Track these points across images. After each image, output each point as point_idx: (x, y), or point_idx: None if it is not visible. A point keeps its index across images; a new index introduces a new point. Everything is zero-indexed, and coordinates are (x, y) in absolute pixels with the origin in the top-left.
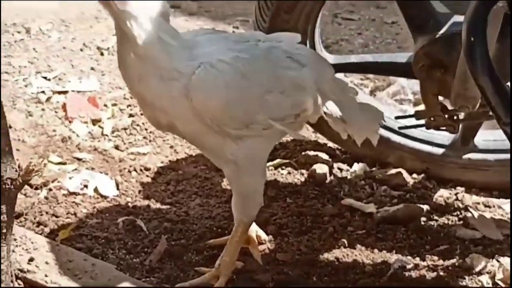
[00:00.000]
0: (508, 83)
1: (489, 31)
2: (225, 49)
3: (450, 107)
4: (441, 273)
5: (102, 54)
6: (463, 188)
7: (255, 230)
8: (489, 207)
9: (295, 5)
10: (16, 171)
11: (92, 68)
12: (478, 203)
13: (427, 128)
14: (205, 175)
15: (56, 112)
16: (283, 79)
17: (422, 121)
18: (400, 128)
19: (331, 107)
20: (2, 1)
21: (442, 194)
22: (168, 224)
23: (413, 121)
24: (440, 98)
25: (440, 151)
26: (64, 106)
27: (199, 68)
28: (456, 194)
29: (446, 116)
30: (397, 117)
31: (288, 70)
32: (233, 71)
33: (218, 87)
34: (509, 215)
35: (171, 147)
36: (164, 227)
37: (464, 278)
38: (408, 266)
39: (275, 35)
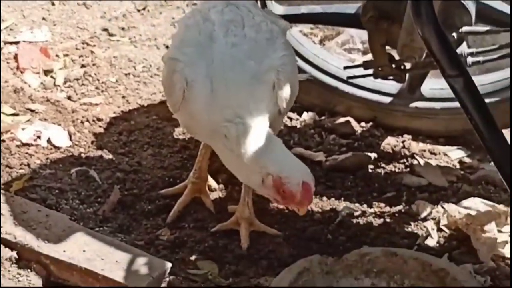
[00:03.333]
0: (454, 34)
1: None
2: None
3: (397, 57)
4: (388, 220)
5: (53, 4)
6: (410, 136)
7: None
8: (435, 154)
9: None
10: None
11: (44, 18)
12: (424, 151)
13: (375, 78)
14: (156, 125)
15: (8, 63)
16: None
17: (370, 71)
18: (348, 77)
19: None
20: None
21: (390, 142)
22: (120, 174)
23: (361, 71)
24: (388, 48)
25: (387, 99)
26: (16, 57)
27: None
28: (403, 142)
29: (393, 66)
30: (346, 67)
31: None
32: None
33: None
34: (454, 162)
35: (123, 97)
36: (117, 177)
37: (410, 224)
38: (356, 213)
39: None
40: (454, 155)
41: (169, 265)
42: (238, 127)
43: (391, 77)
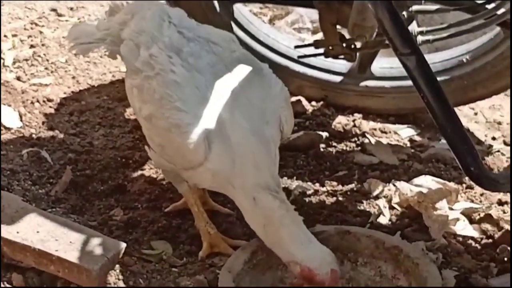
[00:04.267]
0: (404, 13)
1: None
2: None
3: (348, 36)
4: (340, 198)
5: None
6: (360, 115)
7: None
8: (386, 133)
9: None
10: None
11: None
12: (375, 129)
13: (326, 57)
14: (108, 106)
15: None
16: None
17: (321, 50)
18: (299, 57)
19: None
20: None
21: (340, 121)
22: (72, 154)
23: (312, 50)
24: (338, 27)
25: (338, 78)
26: None
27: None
28: (353, 120)
29: (344, 45)
30: (296, 47)
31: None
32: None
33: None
34: (404, 141)
35: (73, 77)
36: (68, 158)
37: (362, 202)
38: (309, 192)
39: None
40: (405, 133)
41: (123, 245)
42: (268, 198)
43: (342, 56)
